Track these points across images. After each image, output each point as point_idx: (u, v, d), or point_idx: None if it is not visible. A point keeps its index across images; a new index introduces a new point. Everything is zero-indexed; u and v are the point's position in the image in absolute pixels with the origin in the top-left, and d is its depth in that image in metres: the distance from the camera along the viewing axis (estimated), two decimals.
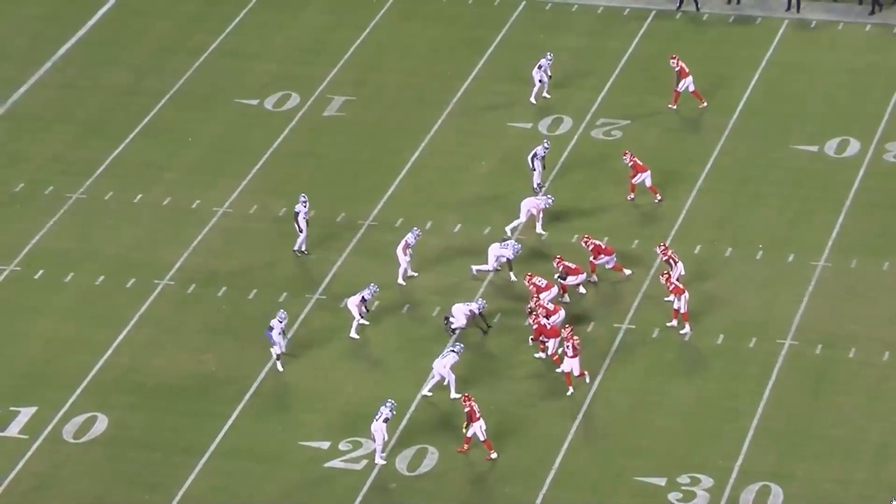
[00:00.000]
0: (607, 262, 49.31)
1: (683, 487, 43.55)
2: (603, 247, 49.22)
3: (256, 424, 45.69)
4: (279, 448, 44.52)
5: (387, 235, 51.67)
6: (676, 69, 55.88)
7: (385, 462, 43.45)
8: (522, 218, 51.13)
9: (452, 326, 47.75)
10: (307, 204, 50.62)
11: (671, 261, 48.71)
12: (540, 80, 56.42)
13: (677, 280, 47.89)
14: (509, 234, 50.19)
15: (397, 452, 44.57)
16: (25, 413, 45.94)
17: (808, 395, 46.22)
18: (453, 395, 45.87)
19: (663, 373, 46.81)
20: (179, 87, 57.96)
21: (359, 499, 43.39)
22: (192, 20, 61.50)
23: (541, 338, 46.87)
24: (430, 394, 46.22)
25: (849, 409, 45.94)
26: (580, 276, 48.77)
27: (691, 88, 56.19)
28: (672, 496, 43.34)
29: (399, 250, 48.81)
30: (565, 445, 44.85)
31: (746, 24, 60.99)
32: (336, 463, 44.39)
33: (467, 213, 52.60)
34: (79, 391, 46.58)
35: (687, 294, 47.44)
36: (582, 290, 49.13)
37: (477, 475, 44.13)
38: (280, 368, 46.57)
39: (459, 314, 47.47)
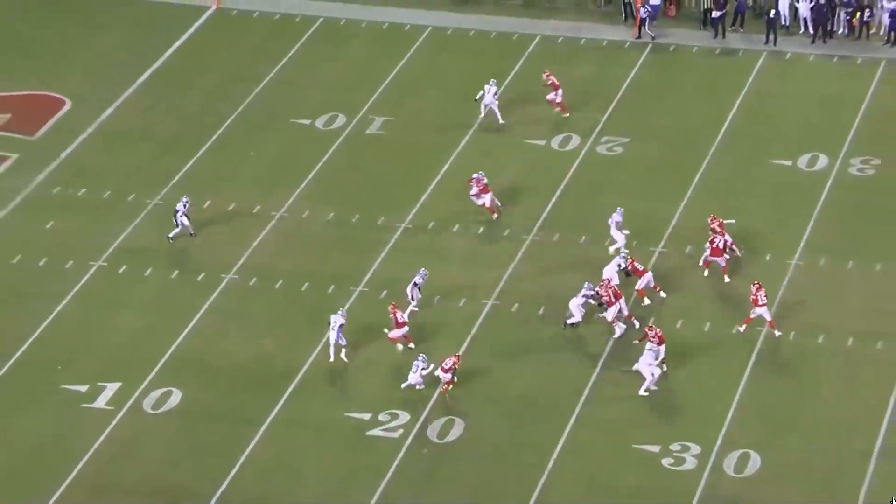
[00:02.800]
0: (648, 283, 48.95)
1: (675, 454, 43.83)
2: (639, 268, 48.90)
3: (308, 399, 46.10)
4: (327, 419, 44.97)
5: (420, 237, 52.09)
6: (548, 83, 56.42)
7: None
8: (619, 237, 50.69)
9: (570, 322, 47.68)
10: (187, 205, 51.11)
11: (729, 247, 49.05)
12: (485, 104, 56.60)
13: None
14: (612, 251, 49.88)
15: (428, 423, 44.84)
16: (111, 388, 46.36)
17: (784, 376, 46.41)
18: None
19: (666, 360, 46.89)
20: (243, 109, 58.21)
21: (395, 462, 43.81)
22: (254, 53, 61.79)
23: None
24: None
25: (819, 388, 46.12)
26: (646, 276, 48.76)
27: (558, 100, 56.53)
28: (665, 461, 43.59)
29: (408, 290, 48.58)
30: (573, 418, 45.05)
31: (730, 55, 61.07)
32: (376, 432, 44.75)
33: (490, 217, 52.59)
34: (156, 369, 47.01)
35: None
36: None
37: (497, 444, 44.56)
38: (345, 360, 46.79)
39: (576, 309, 47.40)
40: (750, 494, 42.82)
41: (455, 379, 44.90)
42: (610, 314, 47.19)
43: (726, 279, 48.95)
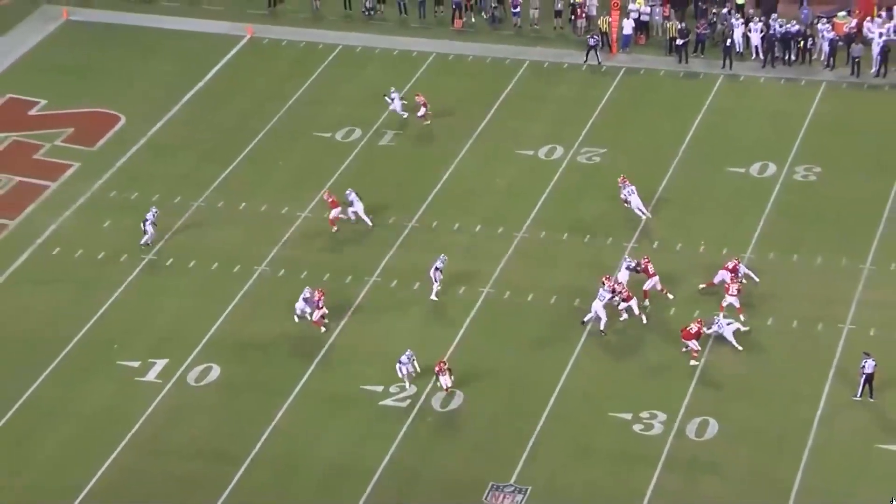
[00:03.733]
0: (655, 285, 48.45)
1: (644, 420, 43.85)
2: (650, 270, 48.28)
3: (329, 373, 46.11)
4: (345, 391, 45.00)
5: (426, 234, 51.98)
6: (420, 101, 56.89)
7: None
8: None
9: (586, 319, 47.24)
10: (156, 215, 50.94)
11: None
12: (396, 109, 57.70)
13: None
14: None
15: (432, 395, 44.82)
16: (160, 364, 46.39)
17: (738, 354, 46.27)
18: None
19: (636, 341, 46.90)
20: (272, 124, 58.16)
21: (404, 429, 43.84)
22: (282, 75, 61.72)
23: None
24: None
25: (768, 364, 46.15)
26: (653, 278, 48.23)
27: (420, 114, 57.03)
28: (636, 427, 43.60)
29: (431, 273, 48.44)
30: (556, 390, 44.97)
31: (692, 78, 60.98)
32: (388, 402, 44.80)
33: (486, 217, 52.63)
34: (198, 348, 47.00)
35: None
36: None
37: (491, 412, 44.64)
38: (323, 329, 46.95)
39: (600, 309, 47.00)
40: (708, 455, 42.84)
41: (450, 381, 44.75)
42: (635, 307, 47.09)
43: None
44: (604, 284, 46.81)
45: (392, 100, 57.39)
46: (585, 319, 47.11)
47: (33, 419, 44.46)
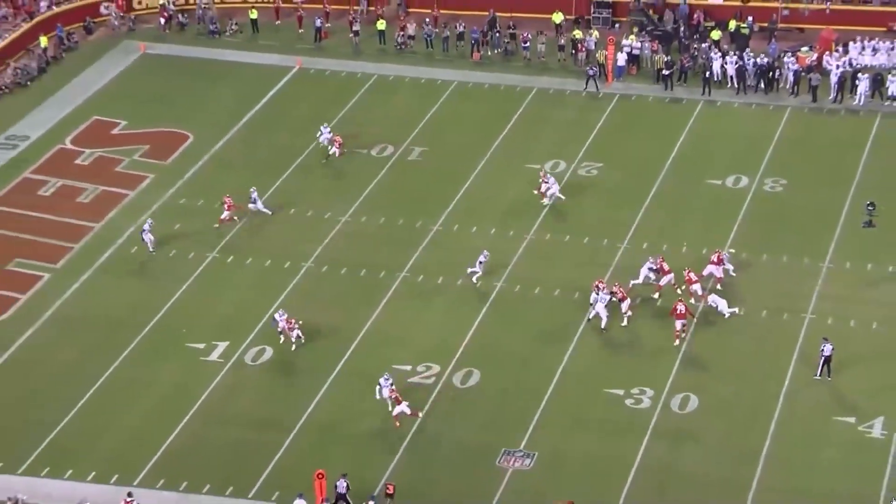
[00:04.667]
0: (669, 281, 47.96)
1: (635, 396, 43.79)
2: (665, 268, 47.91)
3: (364, 355, 46.06)
4: (379, 370, 44.73)
5: (448, 236, 51.83)
6: (336, 140, 56.06)
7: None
8: None
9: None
10: (151, 226, 50.68)
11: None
12: (327, 143, 56.30)
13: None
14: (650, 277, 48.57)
15: (454, 373, 44.78)
16: (221, 346, 46.42)
17: (716, 339, 46.29)
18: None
19: (628, 328, 46.83)
20: (316, 145, 57.78)
21: (429, 402, 43.80)
22: (326, 100, 61.61)
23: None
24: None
25: (741, 347, 46.07)
26: (668, 275, 47.74)
27: (332, 150, 55.90)
28: (627, 401, 43.54)
29: (477, 265, 48.38)
30: (559, 370, 44.88)
31: (677, 103, 60.87)
32: (415, 379, 44.77)
33: (499, 221, 52.54)
34: (254, 332, 46.97)
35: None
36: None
37: (503, 388, 44.59)
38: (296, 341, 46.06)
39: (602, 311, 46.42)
40: (690, 426, 42.78)
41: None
42: (624, 307, 46.78)
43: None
44: (599, 288, 46.55)
45: (321, 133, 56.12)
46: (590, 317, 46.93)
47: (115, 392, 44.54)
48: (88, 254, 51.15)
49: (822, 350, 44.33)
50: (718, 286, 47.79)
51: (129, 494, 39.46)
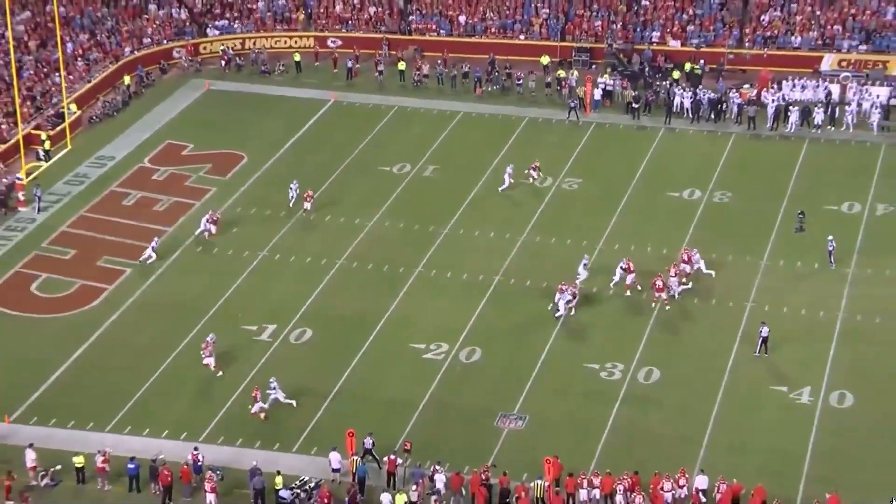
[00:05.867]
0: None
1: (608, 369, 43.65)
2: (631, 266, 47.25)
3: (386, 336, 45.82)
4: (398, 348, 44.82)
5: (454, 238, 51.51)
6: (307, 196, 52.89)
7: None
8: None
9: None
10: (157, 241, 49.89)
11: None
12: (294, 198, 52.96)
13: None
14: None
15: (460, 350, 44.53)
16: (270, 328, 46.19)
17: (675, 323, 46.10)
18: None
19: (603, 314, 46.63)
20: (349, 161, 57.81)
21: (439, 375, 43.67)
22: (356, 127, 61.41)
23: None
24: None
25: (696, 330, 45.92)
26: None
27: (306, 206, 52.85)
28: (602, 374, 43.38)
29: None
30: (546, 348, 44.68)
31: (642, 130, 60.66)
32: (428, 356, 44.57)
33: (497, 226, 52.30)
34: (297, 317, 46.67)
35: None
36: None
37: (500, 363, 44.42)
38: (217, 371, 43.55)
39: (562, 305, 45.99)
40: (653, 394, 42.66)
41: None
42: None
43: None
44: (562, 291, 45.95)
45: (291, 189, 53.08)
46: (556, 315, 46.23)
47: (184, 365, 44.34)
48: (163, 252, 51.01)
49: (761, 332, 44.11)
50: (684, 280, 47.20)
51: (196, 448, 39.36)
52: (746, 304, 46.92)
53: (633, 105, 61.45)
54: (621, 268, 47.61)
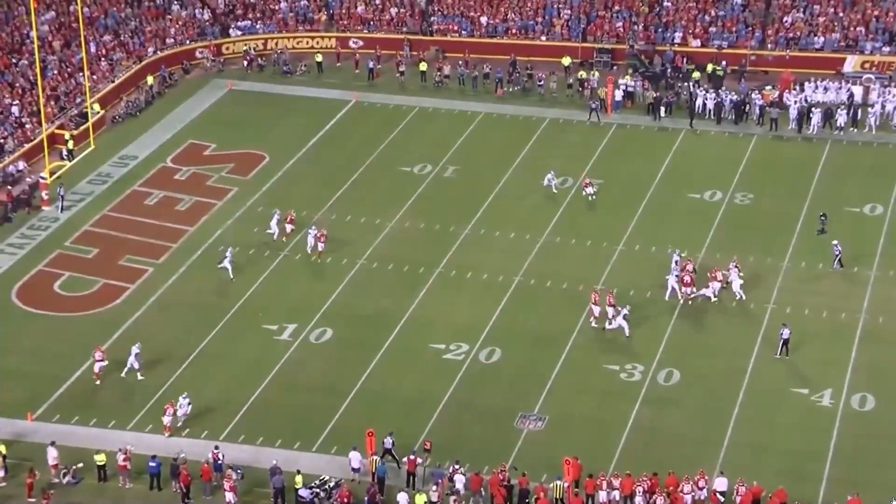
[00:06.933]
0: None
1: (628, 370, 43.59)
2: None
3: (407, 335, 45.87)
4: (418, 348, 44.90)
5: (475, 238, 51.44)
6: (319, 234, 51.03)
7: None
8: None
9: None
10: (231, 252, 49.09)
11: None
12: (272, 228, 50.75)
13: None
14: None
15: (480, 350, 44.53)
16: (290, 327, 46.30)
17: (694, 323, 46.08)
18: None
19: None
20: (370, 161, 57.90)
21: (459, 375, 43.67)
22: (377, 127, 61.40)
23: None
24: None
25: (714, 330, 45.84)
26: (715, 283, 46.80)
27: (317, 246, 50.66)
28: (622, 375, 43.31)
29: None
30: (566, 348, 44.60)
31: (663, 131, 60.48)
32: (448, 356, 44.61)
33: (518, 226, 52.24)
34: (317, 316, 46.75)
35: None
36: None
37: (520, 363, 44.39)
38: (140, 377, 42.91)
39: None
40: (672, 395, 42.61)
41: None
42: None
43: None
44: (614, 308, 45.25)
45: (272, 218, 51.12)
46: (627, 336, 45.11)
47: (205, 363, 44.51)
48: (185, 251, 51.14)
49: (782, 333, 43.95)
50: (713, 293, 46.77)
51: (216, 447, 39.47)
52: (767, 306, 46.75)
53: (657, 106, 61.12)
54: (676, 275, 46.86)
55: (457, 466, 38.45)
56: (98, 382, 43.09)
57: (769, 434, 40.65)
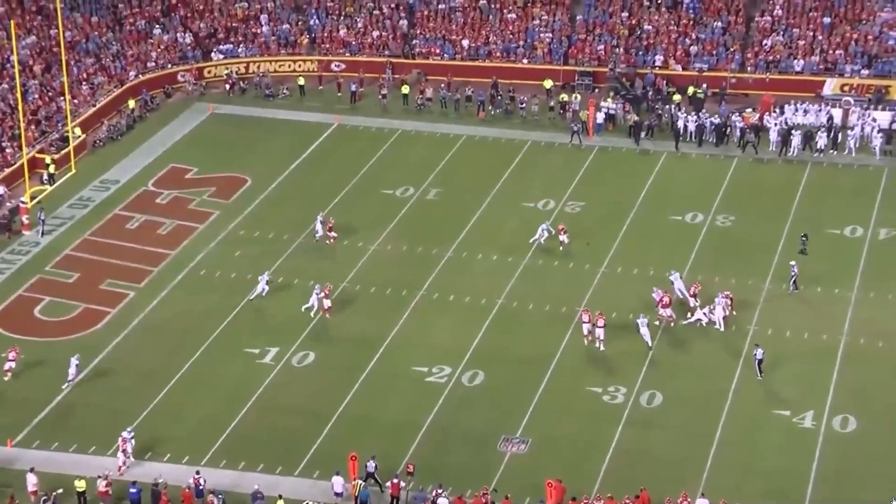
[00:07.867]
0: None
1: (610, 393, 43.55)
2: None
3: (390, 358, 45.77)
4: (401, 371, 44.81)
5: (458, 262, 51.53)
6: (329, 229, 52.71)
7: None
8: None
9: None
10: (267, 280, 48.66)
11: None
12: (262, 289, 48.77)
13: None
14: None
15: (463, 373, 44.52)
16: (273, 351, 46.08)
17: (675, 345, 46.03)
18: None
19: (606, 338, 46.24)
20: (353, 184, 57.90)
21: (442, 398, 43.61)
22: (359, 150, 61.46)
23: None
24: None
25: (693, 352, 45.82)
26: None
27: (329, 237, 52.43)
28: (605, 397, 43.27)
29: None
30: (550, 370, 44.59)
31: (645, 154, 60.75)
32: (431, 379, 44.55)
33: (500, 249, 52.31)
34: (300, 339, 46.67)
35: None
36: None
37: (503, 385, 44.34)
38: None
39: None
40: (655, 417, 42.60)
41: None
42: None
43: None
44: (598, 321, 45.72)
45: (260, 281, 48.85)
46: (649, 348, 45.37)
47: (188, 386, 44.37)
48: (166, 275, 51.04)
49: (755, 354, 44.09)
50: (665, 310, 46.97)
51: (197, 472, 39.27)
52: (749, 328, 46.85)
53: (637, 131, 61.33)
54: (655, 298, 47.05)
55: (440, 490, 38.36)
56: (7, 379, 43.69)
57: (751, 455, 40.68)
